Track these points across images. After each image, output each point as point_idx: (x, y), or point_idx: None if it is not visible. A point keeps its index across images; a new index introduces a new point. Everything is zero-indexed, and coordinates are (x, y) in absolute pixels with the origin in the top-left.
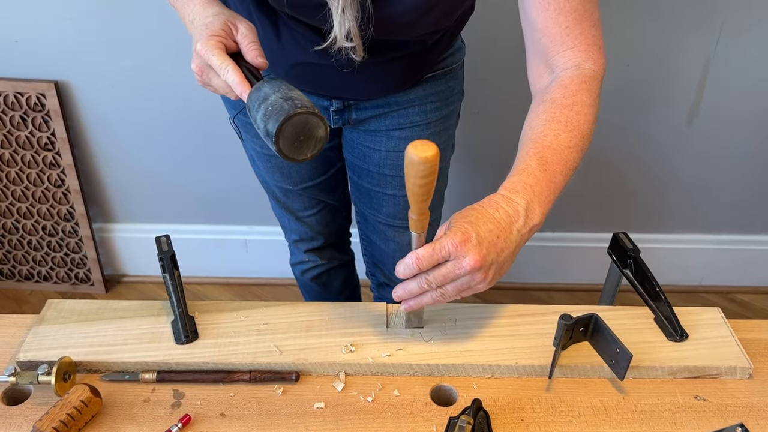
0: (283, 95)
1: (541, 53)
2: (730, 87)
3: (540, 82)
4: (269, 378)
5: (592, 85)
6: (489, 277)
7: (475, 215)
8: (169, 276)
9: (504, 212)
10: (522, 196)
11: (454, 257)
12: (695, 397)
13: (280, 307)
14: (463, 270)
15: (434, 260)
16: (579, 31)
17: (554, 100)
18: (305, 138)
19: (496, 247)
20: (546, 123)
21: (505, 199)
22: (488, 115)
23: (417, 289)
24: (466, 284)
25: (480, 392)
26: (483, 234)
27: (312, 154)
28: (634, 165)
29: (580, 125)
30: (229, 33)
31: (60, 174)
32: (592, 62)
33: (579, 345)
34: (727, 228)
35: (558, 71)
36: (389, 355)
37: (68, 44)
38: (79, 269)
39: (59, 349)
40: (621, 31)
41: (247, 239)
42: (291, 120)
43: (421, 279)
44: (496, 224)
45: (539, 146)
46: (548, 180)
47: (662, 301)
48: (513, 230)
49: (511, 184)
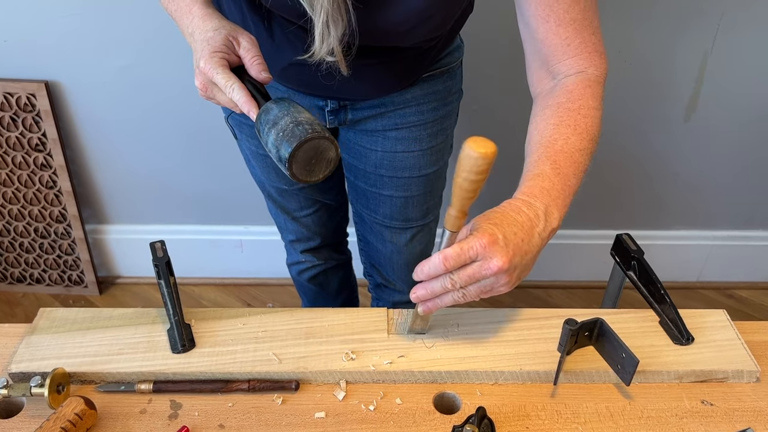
0: (294, 119)
1: (542, 61)
2: (727, 83)
3: (541, 86)
4: (268, 387)
5: (596, 89)
6: (513, 280)
7: (499, 218)
8: (164, 283)
9: (526, 216)
10: (541, 201)
11: (482, 258)
12: (702, 401)
13: (278, 314)
14: (490, 271)
15: (461, 260)
16: (580, 41)
17: (560, 105)
18: (317, 161)
19: (521, 250)
20: (555, 127)
21: (526, 204)
22: (488, 115)
23: (440, 289)
24: (489, 286)
25: (484, 399)
26: (509, 236)
27: (324, 175)
28: (632, 162)
29: (588, 128)
30: (231, 48)
31: (52, 175)
32: (594, 68)
33: (584, 350)
34: (724, 224)
35: (560, 77)
36: (391, 363)
37: (59, 44)
38: (72, 271)
39: (52, 359)
40: (618, 27)
41: (242, 239)
42: (303, 146)
43: (445, 279)
44: (520, 227)
45: (551, 150)
46: (563, 184)
47: (667, 303)
48: (535, 234)
49: (529, 189)
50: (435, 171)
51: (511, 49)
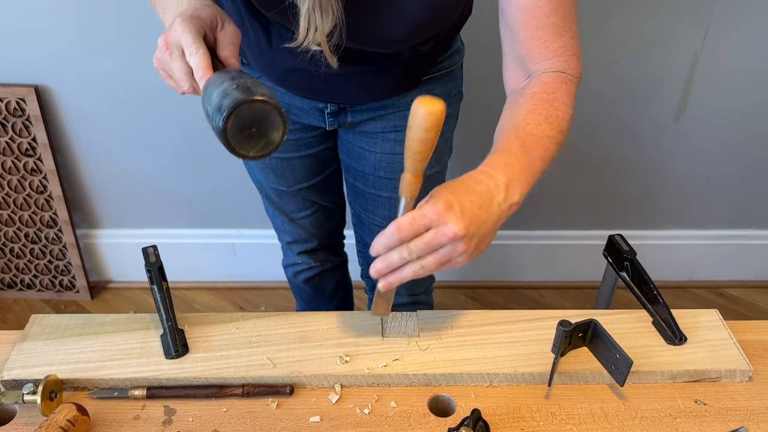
0: (253, 82)
1: (520, 61)
2: (717, 83)
3: (516, 82)
4: (263, 392)
5: (570, 88)
6: (471, 248)
7: (456, 186)
8: (157, 288)
9: (485, 186)
10: (502, 173)
11: (436, 225)
12: (695, 401)
13: (272, 318)
14: (446, 237)
15: (415, 229)
16: (559, 44)
17: (534, 94)
18: (257, 133)
19: (478, 218)
20: (527, 113)
21: (486, 174)
22: (488, 117)
23: (398, 260)
24: (447, 255)
25: (479, 401)
26: (465, 204)
27: (254, 155)
28: (623, 162)
29: (559, 120)
30: (214, 26)
31: (42, 180)
32: (571, 70)
33: (578, 350)
34: (715, 223)
35: (537, 74)
36: (385, 366)
37: (48, 48)
38: (63, 276)
39: (45, 366)
40: (608, 27)
41: (235, 243)
42: (253, 104)
43: (402, 249)
44: (478, 196)
45: (521, 132)
46: (528, 163)
47: (660, 304)
48: (494, 203)
49: (492, 161)
50: (434, 173)
51: None
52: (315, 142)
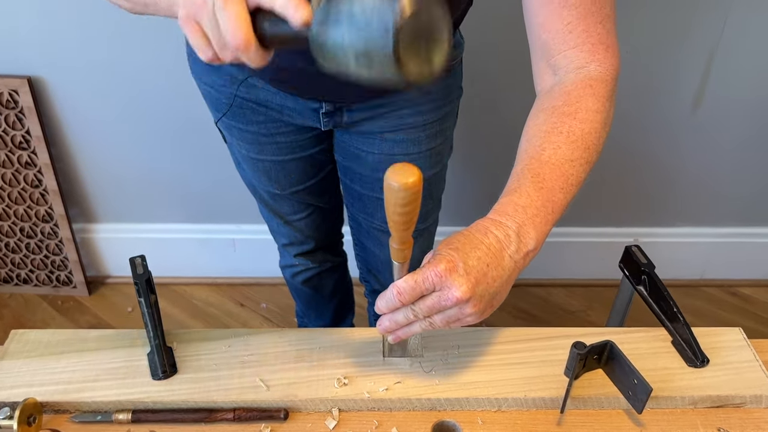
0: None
1: (543, 51)
2: (735, 77)
3: (543, 82)
4: (255, 417)
5: (599, 89)
6: (480, 309)
7: (461, 241)
8: (144, 302)
9: (494, 237)
10: (513, 219)
11: (439, 288)
12: (719, 429)
13: (266, 335)
14: (450, 302)
15: (417, 293)
16: (583, 28)
17: (555, 109)
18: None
19: (486, 277)
20: (545, 135)
21: (495, 223)
22: (489, 114)
23: (404, 320)
24: (454, 316)
25: (486, 428)
26: (471, 263)
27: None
28: (635, 158)
29: (584, 135)
30: None
31: (37, 174)
32: (597, 63)
33: (592, 373)
34: (728, 220)
35: (561, 73)
36: (386, 389)
37: (41, 38)
38: (60, 271)
39: (23, 387)
40: (624, 18)
41: (235, 238)
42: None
43: (407, 311)
44: (486, 251)
45: (536, 161)
46: (545, 199)
47: (680, 322)
48: (505, 257)
49: (501, 206)
50: (434, 174)
51: (514, 45)
52: (309, 143)
